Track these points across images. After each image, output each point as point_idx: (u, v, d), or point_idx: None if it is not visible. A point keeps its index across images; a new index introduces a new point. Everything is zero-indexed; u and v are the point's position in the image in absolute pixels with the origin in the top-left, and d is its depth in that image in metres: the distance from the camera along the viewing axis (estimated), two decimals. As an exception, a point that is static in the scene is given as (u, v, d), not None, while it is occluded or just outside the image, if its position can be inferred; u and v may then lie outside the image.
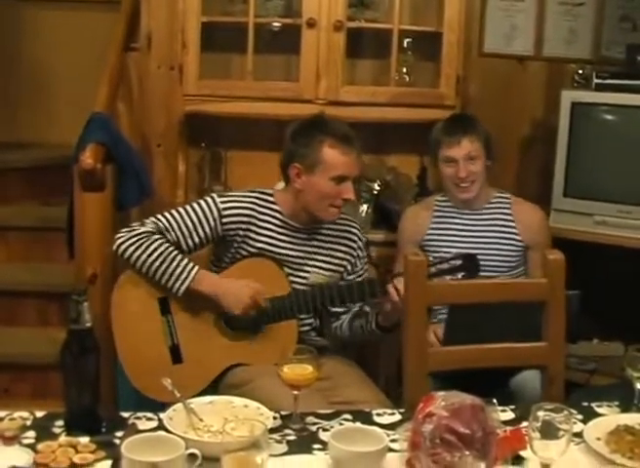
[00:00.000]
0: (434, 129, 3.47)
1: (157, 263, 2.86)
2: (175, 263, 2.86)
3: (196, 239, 2.96)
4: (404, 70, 4.06)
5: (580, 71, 4.11)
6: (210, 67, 3.94)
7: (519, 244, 3.37)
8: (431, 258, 2.97)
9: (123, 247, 2.90)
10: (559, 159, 3.89)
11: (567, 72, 4.23)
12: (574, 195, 3.88)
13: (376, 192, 4.03)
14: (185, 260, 2.89)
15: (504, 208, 3.42)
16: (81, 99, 3.74)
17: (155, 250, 2.87)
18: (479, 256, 3.04)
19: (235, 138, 4.10)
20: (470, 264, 2.85)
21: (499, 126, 3.49)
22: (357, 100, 3.92)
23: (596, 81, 3.91)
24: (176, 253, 2.89)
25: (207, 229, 2.96)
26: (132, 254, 2.89)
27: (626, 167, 3.82)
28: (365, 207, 3.98)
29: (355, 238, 3.13)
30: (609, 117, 3.91)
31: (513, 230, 3.38)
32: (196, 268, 2.88)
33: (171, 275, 2.86)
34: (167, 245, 2.90)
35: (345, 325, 3.09)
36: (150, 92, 3.98)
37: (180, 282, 2.86)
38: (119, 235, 2.94)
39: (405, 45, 4.04)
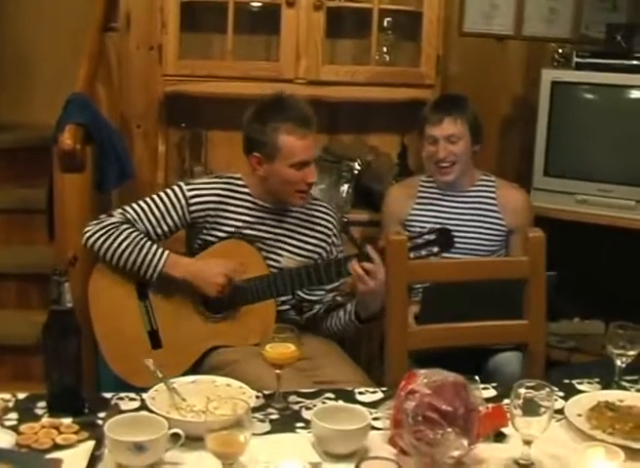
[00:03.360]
0: (425, 106, 3.46)
1: (127, 252, 2.85)
2: (144, 251, 2.85)
3: (165, 228, 2.95)
4: (384, 50, 4.05)
5: (560, 50, 4.11)
6: (190, 47, 3.92)
7: (501, 228, 3.37)
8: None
9: (92, 239, 2.89)
10: (539, 138, 3.90)
11: (547, 51, 4.24)
12: (554, 174, 3.89)
13: (356, 172, 4.02)
14: (155, 246, 2.87)
15: (489, 191, 3.42)
16: (60, 80, 3.71)
17: (124, 239, 2.86)
18: (461, 238, 3.05)
19: (215, 119, 4.08)
20: (444, 238, 2.83)
21: (478, 105, 3.46)
22: (337, 80, 3.91)
23: (576, 60, 3.92)
24: (145, 240, 2.88)
25: (175, 218, 2.94)
26: (101, 246, 2.87)
27: (607, 146, 3.84)
28: (346, 187, 3.97)
29: (330, 226, 3.09)
30: (589, 96, 3.92)
31: (496, 214, 3.37)
32: (166, 253, 2.87)
33: (142, 262, 2.85)
34: (135, 233, 2.88)
35: (321, 315, 3.05)
36: (129, 72, 3.96)
37: (151, 268, 2.85)
38: (87, 228, 2.92)
39: (385, 24, 4.03)
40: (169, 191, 2.97)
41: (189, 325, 2.93)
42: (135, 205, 2.96)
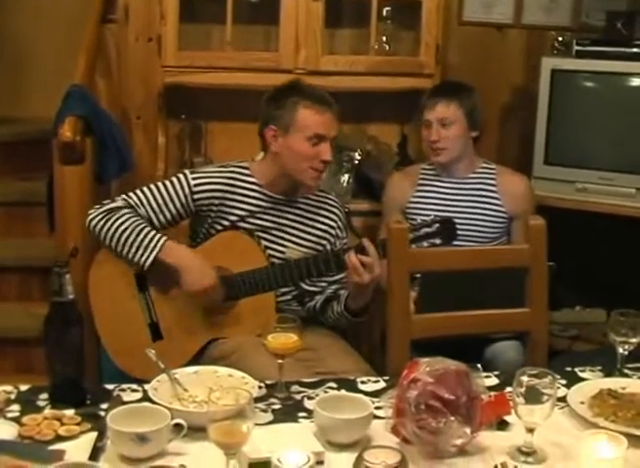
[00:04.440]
0: (424, 94, 3.48)
1: (125, 235, 2.82)
2: (142, 234, 2.82)
3: (167, 215, 2.93)
4: (383, 39, 4.04)
5: (560, 38, 4.11)
6: (189, 38, 3.91)
7: (502, 214, 3.37)
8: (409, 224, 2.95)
9: (93, 222, 2.88)
10: (540, 126, 3.89)
11: (547, 39, 4.24)
12: (555, 162, 3.89)
13: (356, 162, 4.01)
14: (153, 231, 2.84)
15: (489, 178, 3.42)
16: (59, 73, 3.71)
17: (123, 222, 2.84)
18: (462, 225, 3.05)
19: (215, 110, 4.08)
20: (446, 229, 2.82)
21: (478, 94, 3.48)
22: (337, 70, 3.90)
23: (576, 48, 3.92)
24: (144, 224, 2.85)
25: (178, 205, 2.92)
26: (101, 229, 2.86)
27: (607, 134, 3.84)
28: (346, 176, 3.97)
29: (335, 217, 3.08)
30: (589, 84, 3.91)
31: (497, 201, 3.38)
32: (164, 238, 2.83)
33: (138, 246, 2.81)
34: (135, 217, 2.86)
35: (319, 306, 3.05)
36: (129, 64, 3.96)
37: (147, 252, 2.81)
38: (90, 211, 2.92)
39: (384, 14, 4.03)
40: (173, 179, 2.96)
41: (189, 317, 2.92)
42: (138, 191, 2.95)
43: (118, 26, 3.94)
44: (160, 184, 2.96)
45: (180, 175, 2.96)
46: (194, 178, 2.94)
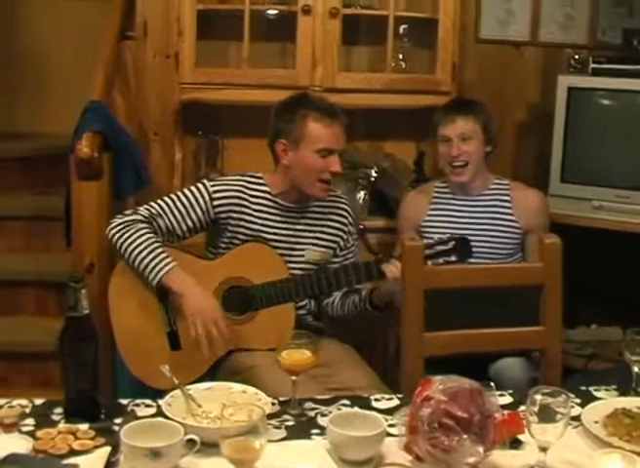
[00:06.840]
0: (436, 111, 3.48)
1: (136, 252, 2.86)
2: (152, 255, 2.85)
3: (189, 223, 2.98)
4: (400, 57, 4.06)
5: (577, 56, 4.11)
6: (206, 55, 3.92)
7: (517, 230, 3.37)
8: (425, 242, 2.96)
9: (112, 233, 2.92)
10: (556, 144, 3.89)
11: (563, 57, 4.24)
12: (571, 180, 3.88)
13: (373, 179, 4.02)
14: (164, 254, 2.87)
15: (503, 194, 3.42)
16: (77, 89, 3.73)
17: (137, 238, 2.87)
18: (477, 243, 3.05)
19: (232, 126, 4.09)
20: (462, 247, 2.85)
21: (495, 112, 3.48)
22: (353, 87, 3.91)
23: (592, 66, 3.91)
24: (157, 245, 2.88)
25: (199, 213, 2.97)
26: (117, 241, 2.90)
27: (624, 151, 3.83)
28: (362, 193, 3.97)
29: (345, 213, 3.16)
30: (605, 102, 3.91)
31: (511, 217, 3.37)
32: (172, 264, 2.85)
33: (146, 266, 2.85)
34: (150, 235, 2.90)
35: (337, 302, 3.10)
36: (146, 80, 3.97)
37: (153, 274, 2.84)
38: (112, 220, 2.97)
39: (401, 31, 4.04)
40: (193, 188, 3.01)
41: None
42: (160, 201, 3.00)
43: (136, 43, 3.96)
44: (180, 193, 3.01)
45: (199, 184, 3.02)
46: (213, 186, 3.01)
